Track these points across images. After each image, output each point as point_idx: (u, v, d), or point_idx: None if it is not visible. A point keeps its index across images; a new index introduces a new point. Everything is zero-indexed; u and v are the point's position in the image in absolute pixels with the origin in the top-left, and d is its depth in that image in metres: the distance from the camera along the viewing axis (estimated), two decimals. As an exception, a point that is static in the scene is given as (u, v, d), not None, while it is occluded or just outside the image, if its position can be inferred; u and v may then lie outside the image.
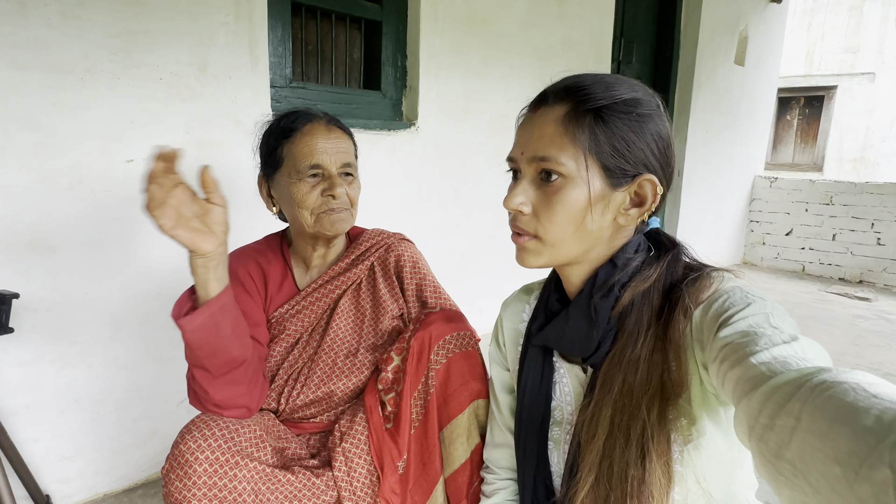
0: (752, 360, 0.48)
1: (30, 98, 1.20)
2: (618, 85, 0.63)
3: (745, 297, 0.58)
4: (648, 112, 0.63)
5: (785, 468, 0.40)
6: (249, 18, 1.53)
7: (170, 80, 1.39)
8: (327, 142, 0.95)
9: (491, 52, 2.32)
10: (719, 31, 3.83)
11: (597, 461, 0.63)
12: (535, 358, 0.75)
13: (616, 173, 0.62)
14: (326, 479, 0.86)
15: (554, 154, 0.62)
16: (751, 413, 0.45)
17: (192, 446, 0.76)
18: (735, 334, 0.53)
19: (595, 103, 0.61)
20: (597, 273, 0.66)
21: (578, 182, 0.62)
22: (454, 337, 0.87)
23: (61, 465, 1.36)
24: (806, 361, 0.46)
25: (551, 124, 0.63)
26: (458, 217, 2.34)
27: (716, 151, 4.12)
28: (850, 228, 4.26)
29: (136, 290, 1.41)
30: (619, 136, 0.62)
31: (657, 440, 0.59)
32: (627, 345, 0.63)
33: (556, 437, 0.74)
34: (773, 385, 0.44)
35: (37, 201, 1.24)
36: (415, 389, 0.86)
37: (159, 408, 1.50)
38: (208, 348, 0.78)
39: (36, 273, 1.25)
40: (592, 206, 0.63)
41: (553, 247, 0.65)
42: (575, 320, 0.66)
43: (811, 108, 7.86)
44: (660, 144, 0.63)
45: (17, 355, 1.26)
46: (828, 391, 0.39)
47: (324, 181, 0.94)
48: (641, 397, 0.60)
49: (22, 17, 1.17)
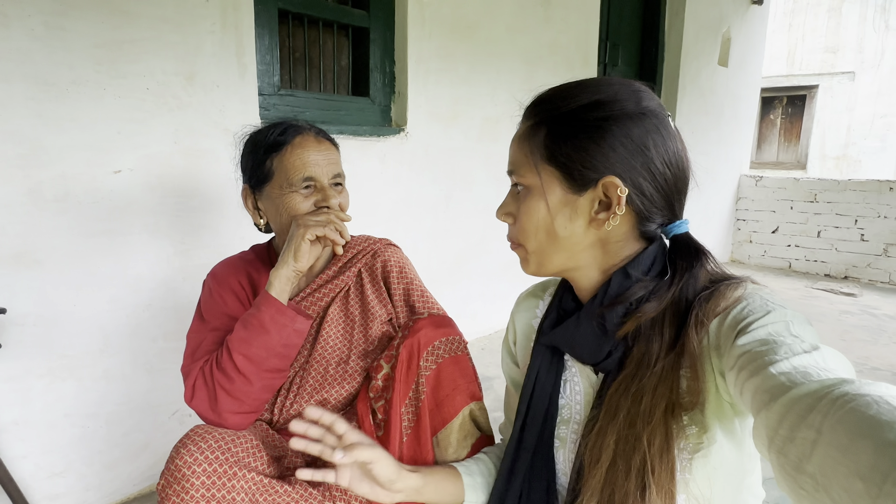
0: (772, 369, 0.47)
1: (14, 110, 1.18)
2: (580, 92, 0.63)
3: (765, 305, 0.57)
4: (609, 115, 0.61)
5: (806, 482, 0.39)
6: (236, 27, 1.52)
7: (157, 90, 1.38)
8: (318, 154, 0.96)
9: (479, 58, 2.33)
10: (703, 33, 3.88)
11: (599, 487, 0.62)
12: (546, 355, 0.74)
13: (576, 179, 0.63)
14: (322, 488, 0.86)
15: (516, 167, 0.67)
16: (770, 425, 0.44)
17: (189, 459, 0.75)
18: (754, 342, 0.52)
19: (549, 115, 0.64)
20: (610, 280, 0.65)
21: (537, 191, 0.65)
22: (443, 342, 0.87)
23: (51, 481, 1.34)
24: (827, 372, 0.45)
25: (517, 139, 0.68)
26: (448, 221, 2.34)
27: (702, 152, 4.17)
28: (834, 225, 4.33)
29: (126, 301, 1.40)
30: (573, 143, 0.62)
31: (657, 473, 0.59)
32: (637, 374, 0.62)
33: (562, 435, 0.73)
34: (793, 396, 0.43)
35: (22, 214, 1.22)
36: (405, 397, 0.86)
37: (151, 420, 1.48)
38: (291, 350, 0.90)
39: (22, 287, 1.23)
40: (555, 214, 0.64)
41: (534, 254, 0.68)
42: (585, 327, 0.66)
43: (794, 107, 7.99)
44: (627, 146, 0.61)
45: (5, 371, 1.24)
46: (850, 404, 0.38)
47: (317, 193, 0.96)
48: (643, 429, 0.60)
49: (5, 28, 1.15)
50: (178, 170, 1.45)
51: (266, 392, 0.91)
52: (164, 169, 1.42)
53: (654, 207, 0.63)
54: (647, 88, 0.65)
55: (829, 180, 4.37)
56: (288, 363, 0.92)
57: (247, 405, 0.89)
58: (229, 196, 1.56)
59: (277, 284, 0.89)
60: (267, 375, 0.89)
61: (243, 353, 0.87)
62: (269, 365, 0.89)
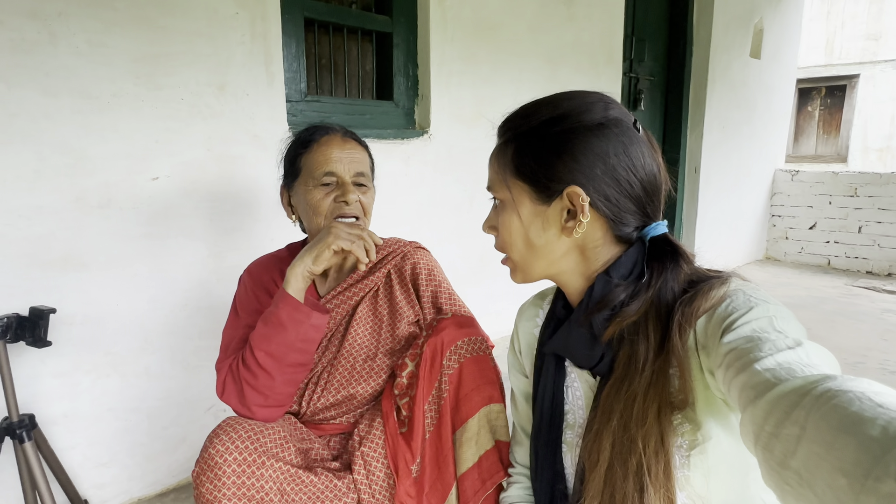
0: (757, 366, 0.48)
1: (61, 122, 1.26)
2: (542, 108, 0.68)
3: (748, 301, 0.57)
4: (570, 127, 0.65)
5: (791, 477, 0.40)
6: (265, 37, 1.58)
7: (191, 100, 1.45)
8: (342, 152, 1.01)
9: (501, 58, 2.34)
10: (733, 25, 3.78)
11: (599, 489, 0.64)
12: (548, 364, 0.77)
13: (542, 191, 0.67)
14: (347, 481, 0.89)
15: (491, 184, 0.73)
16: (756, 421, 0.45)
17: (221, 448, 0.80)
18: (739, 339, 0.53)
19: (515, 132, 0.69)
20: (593, 285, 0.67)
21: (510, 205, 0.70)
22: (465, 342, 0.89)
23: (97, 471, 1.42)
24: (811, 368, 0.46)
25: (492, 157, 0.73)
26: (473, 222, 2.36)
27: (734, 147, 4.06)
28: (876, 220, 4.15)
29: (164, 302, 1.47)
30: (535, 157, 0.66)
31: (654, 473, 0.60)
32: (626, 376, 0.63)
33: (569, 440, 0.75)
34: (777, 393, 0.44)
35: (70, 220, 1.30)
36: (428, 394, 0.89)
37: (188, 415, 1.55)
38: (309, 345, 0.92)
39: (70, 288, 1.32)
40: (528, 225, 0.69)
41: (519, 264, 0.72)
42: (576, 333, 0.69)
43: (833, 98, 7.68)
44: (588, 156, 0.64)
45: (55, 367, 1.32)
46: (833, 400, 0.39)
47: (337, 188, 1.00)
48: (637, 432, 0.61)
49: (53, 46, 1.23)
50: (212, 175, 1.52)
51: (289, 386, 0.94)
52: (198, 175, 1.49)
53: (623, 212, 0.66)
54: (609, 98, 0.68)
55: (871, 173, 4.20)
56: (308, 357, 0.95)
57: (272, 399, 0.93)
58: (259, 200, 1.62)
59: (294, 282, 0.92)
60: (288, 370, 0.92)
61: (264, 349, 0.90)
62: (289, 360, 0.92)
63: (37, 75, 1.22)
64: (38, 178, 1.25)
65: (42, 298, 1.26)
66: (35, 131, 1.23)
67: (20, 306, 1.21)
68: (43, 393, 1.31)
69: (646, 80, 3.46)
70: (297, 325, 0.90)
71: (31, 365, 1.28)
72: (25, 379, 1.28)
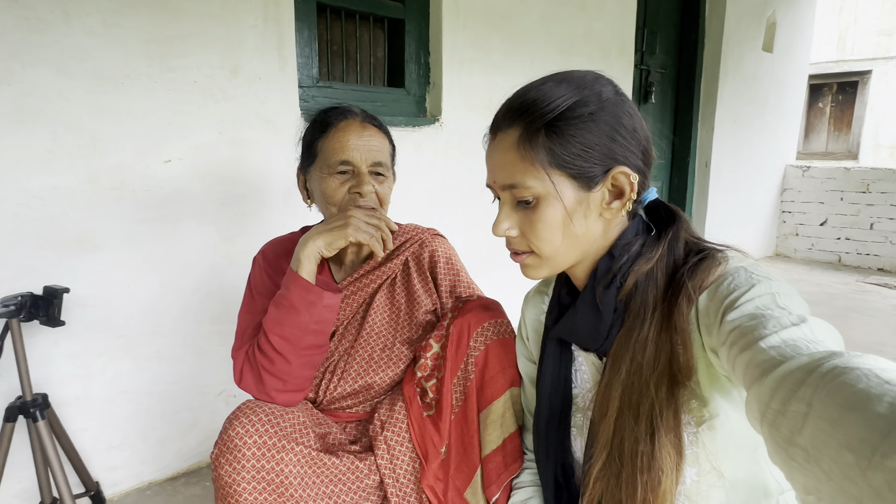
0: (762, 344, 0.48)
1: (75, 103, 1.26)
2: (562, 90, 0.63)
3: (750, 278, 0.57)
4: (597, 107, 0.63)
5: (797, 454, 0.40)
6: (277, 21, 1.57)
7: (203, 83, 1.44)
8: (359, 139, 0.96)
9: (512, 46, 2.32)
10: (746, 18, 3.74)
11: (608, 439, 0.64)
12: (554, 349, 0.76)
13: (585, 177, 0.63)
14: (369, 463, 0.88)
15: (519, 180, 0.64)
16: (762, 399, 0.44)
17: (241, 431, 0.79)
18: (742, 317, 0.53)
19: (543, 119, 0.62)
20: (598, 266, 0.67)
21: (551, 199, 0.64)
22: (492, 324, 0.88)
23: (109, 453, 1.42)
24: (817, 344, 0.46)
25: (509, 151, 0.65)
26: (483, 211, 2.34)
27: (744, 141, 4.02)
28: (888, 217, 4.11)
29: (176, 286, 1.47)
30: (575, 142, 0.62)
31: (665, 416, 0.60)
32: (634, 326, 0.63)
33: (578, 423, 0.75)
34: (784, 371, 0.44)
35: (83, 202, 1.30)
36: (454, 375, 0.87)
37: (199, 400, 1.55)
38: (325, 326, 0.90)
39: (83, 269, 1.31)
40: (572, 215, 0.64)
41: (550, 259, 0.67)
42: (583, 313, 0.68)
43: (844, 94, 7.60)
44: (621, 132, 0.63)
45: (68, 348, 1.32)
46: (839, 377, 0.39)
47: (352, 178, 0.96)
48: (650, 375, 0.61)
49: (67, 26, 1.23)
50: (224, 159, 1.51)
51: (307, 369, 0.92)
52: (210, 158, 1.48)
53: (646, 183, 0.67)
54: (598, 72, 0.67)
55: (884, 169, 4.15)
56: (324, 339, 0.92)
57: (291, 384, 0.91)
58: (271, 185, 1.61)
59: (306, 263, 0.88)
60: (305, 353, 0.90)
61: (278, 333, 0.88)
62: (305, 342, 0.89)
63: (51, 54, 1.22)
64: (51, 159, 1.25)
65: (55, 279, 1.26)
66: (49, 111, 1.23)
67: (34, 286, 1.20)
68: (56, 374, 1.31)
69: (657, 73, 3.43)
70: (309, 306, 0.88)
71: (44, 345, 1.28)
72: (39, 359, 1.28)
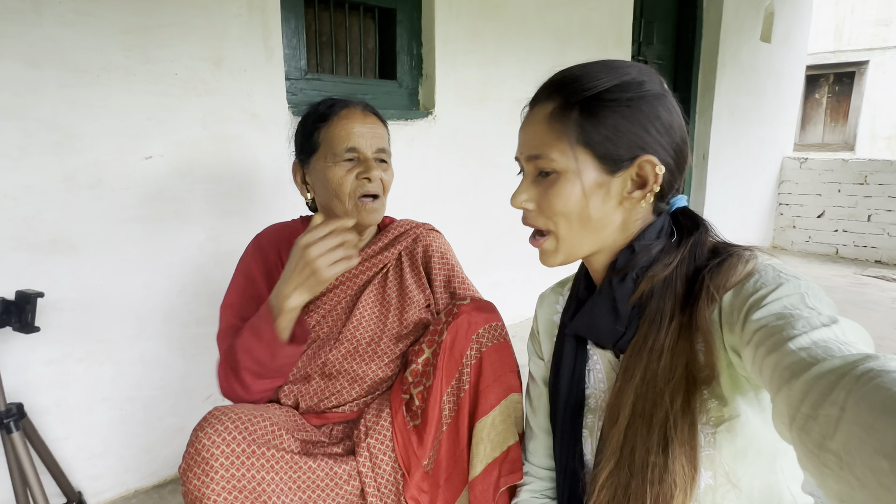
0: (791, 345, 0.46)
1: (46, 97, 1.20)
2: (606, 72, 0.63)
3: (778, 277, 0.55)
4: (640, 95, 0.62)
5: (830, 460, 0.38)
6: (263, 10, 1.50)
7: (185, 76, 1.38)
8: (364, 126, 0.96)
9: (507, 37, 2.26)
10: (744, 7, 3.69)
11: (618, 447, 0.62)
12: (569, 347, 0.74)
13: (611, 160, 0.62)
14: (349, 468, 0.84)
15: (544, 151, 0.64)
16: (792, 402, 0.43)
17: (207, 443, 0.75)
18: (769, 317, 0.51)
19: (581, 95, 0.62)
20: (616, 259, 0.66)
21: (571, 175, 0.63)
22: (487, 329, 0.85)
23: (91, 462, 1.37)
24: (849, 346, 0.44)
25: (541, 122, 0.65)
26: (477, 206, 2.30)
27: (742, 133, 3.98)
28: (886, 208, 4.09)
29: (159, 287, 1.41)
30: (607, 123, 0.62)
31: (680, 429, 0.58)
32: (650, 333, 0.62)
33: (589, 424, 0.73)
34: (815, 373, 0.42)
35: (58, 200, 1.24)
36: (447, 385, 0.84)
37: (185, 404, 1.50)
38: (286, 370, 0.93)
39: (59, 272, 1.26)
40: (590, 196, 0.63)
41: (566, 241, 0.66)
42: (600, 307, 0.67)
43: (841, 85, 7.57)
44: (656, 125, 0.62)
45: (45, 354, 1.27)
46: (875, 380, 0.37)
47: (359, 164, 0.95)
48: (664, 386, 0.59)
49: (36, 15, 1.16)
50: (208, 155, 1.45)
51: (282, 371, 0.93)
52: (193, 155, 1.42)
53: (673, 182, 0.66)
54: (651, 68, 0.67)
55: (881, 160, 4.12)
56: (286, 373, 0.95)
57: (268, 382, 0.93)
58: (258, 181, 1.56)
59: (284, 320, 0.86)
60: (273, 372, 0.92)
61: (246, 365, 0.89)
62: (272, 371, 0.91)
63: (20, 46, 1.15)
64: (23, 156, 1.18)
65: (30, 282, 1.21)
66: (19, 106, 1.17)
67: (6, 290, 1.15)
68: (33, 382, 1.26)
69: (654, 64, 3.38)
70: (273, 358, 0.89)
71: (20, 352, 1.23)
72: (14, 367, 1.22)
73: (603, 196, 0.63)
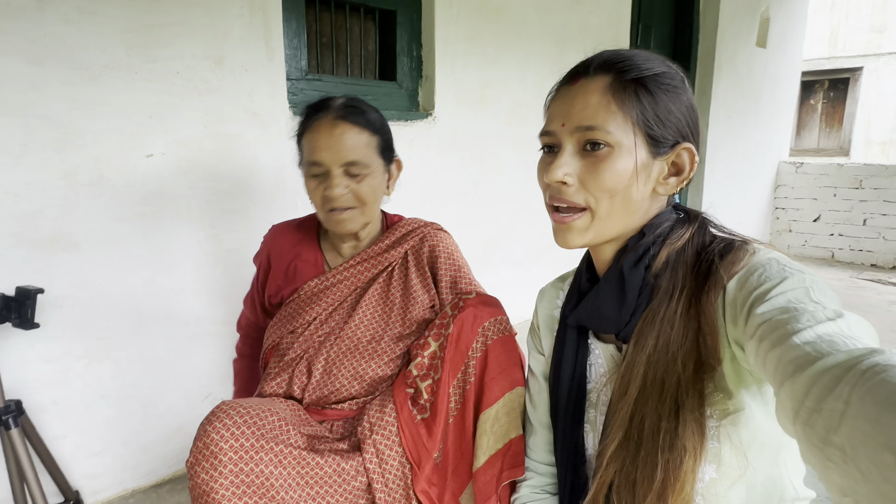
0: (795, 339, 0.46)
1: (49, 94, 1.20)
2: (653, 58, 0.65)
3: (783, 271, 0.55)
4: (681, 84, 0.65)
5: (834, 454, 0.38)
6: (264, 10, 1.51)
7: (186, 74, 1.38)
8: (329, 138, 0.92)
9: (507, 40, 2.28)
10: (740, 13, 3.72)
11: (627, 417, 0.62)
12: (571, 341, 0.74)
13: (658, 142, 0.63)
14: (356, 464, 0.84)
15: (601, 123, 0.61)
16: (796, 396, 0.43)
17: (216, 437, 0.74)
18: (774, 310, 0.51)
19: (640, 73, 0.62)
20: (626, 244, 0.67)
21: (625, 151, 0.62)
22: (492, 323, 0.86)
23: (89, 460, 1.37)
24: (854, 341, 0.44)
25: (596, 94, 0.62)
26: (477, 207, 2.30)
27: (738, 136, 4.01)
28: (881, 212, 4.11)
29: (159, 285, 1.41)
30: (661, 105, 0.63)
31: (690, 395, 0.58)
32: (663, 301, 0.62)
33: (591, 418, 0.73)
34: (820, 367, 0.42)
35: (59, 197, 1.24)
36: (454, 378, 0.84)
37: (184, 403, 1.50)
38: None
39: (59, 269, 1.25)
40: (638, 175, 0.62)
41: (602, 220, 0.64)
42: (605, 293, 0.66)
43: (836, 91, 7.62)
44: (692, 115, 0.65)
45: (44, 351, 1.26)
46: (880, 374, 0.37)
47: (325, 179, 0.94)
48: (677, 351, 0.59)
49: (39, 13, 1.17)
50: (209, 154, 1.45)
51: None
52: (194, 153, 1.42)
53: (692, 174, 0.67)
54: None
55: (876, 165, 4.15)
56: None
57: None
58: (258, 180, 1.56)
59: None
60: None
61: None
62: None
63: (22, 43, 1.15)
64: (24, 153, 1.18)
65: (30, 279, 1.20)
66: (21, 103, 1.17)
67: (6, 287, 1.15)
68: (32, 379, 1.25)
69: (652, 68, 3.40)
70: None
71: (19, 349, 1.22)
72: (13, 364, 1.22)
73: (645, 178, 0.63)
